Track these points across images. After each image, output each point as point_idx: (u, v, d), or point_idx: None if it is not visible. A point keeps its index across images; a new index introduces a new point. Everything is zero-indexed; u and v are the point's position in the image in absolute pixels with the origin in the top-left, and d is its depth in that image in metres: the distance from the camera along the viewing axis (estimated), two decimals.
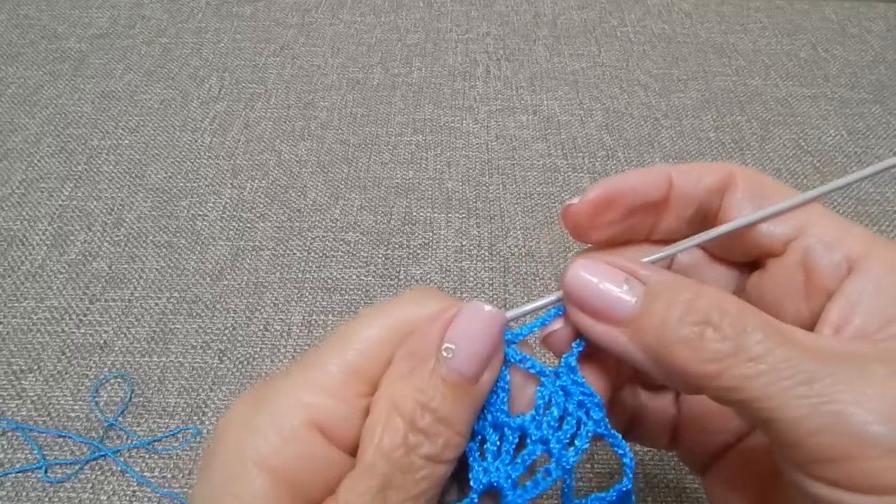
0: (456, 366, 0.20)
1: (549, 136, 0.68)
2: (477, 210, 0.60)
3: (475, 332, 0.21)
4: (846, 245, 0.23)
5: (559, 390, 0.23)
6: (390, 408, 0.20)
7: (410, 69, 0.76)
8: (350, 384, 0.21)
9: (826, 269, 0.23)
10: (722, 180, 0.25)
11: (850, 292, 0.22)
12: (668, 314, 0.21)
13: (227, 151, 0.66)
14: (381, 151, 0.66)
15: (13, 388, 0.47)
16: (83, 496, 0.42)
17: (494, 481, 0.22)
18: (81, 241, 0.57)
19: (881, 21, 0.84)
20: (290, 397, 0.20)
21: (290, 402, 0.20)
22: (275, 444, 0.20)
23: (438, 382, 0.20)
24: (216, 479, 0.20)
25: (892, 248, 0.23)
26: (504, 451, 0.23)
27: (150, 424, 0.45)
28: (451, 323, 0.21)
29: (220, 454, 0.20)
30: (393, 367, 0.21)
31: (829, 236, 0.23)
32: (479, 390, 0.21)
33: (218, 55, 0.78)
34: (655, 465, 0.44)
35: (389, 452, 0.20)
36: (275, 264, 0.55)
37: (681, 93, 0.73)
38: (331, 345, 0.22)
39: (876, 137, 0.68)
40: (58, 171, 0.63)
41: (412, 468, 0.20)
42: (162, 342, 0.50)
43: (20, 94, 0.71)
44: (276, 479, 0.19)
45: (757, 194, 0.25)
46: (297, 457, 0.20)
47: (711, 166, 0.26)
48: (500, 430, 0.23)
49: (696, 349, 0.20)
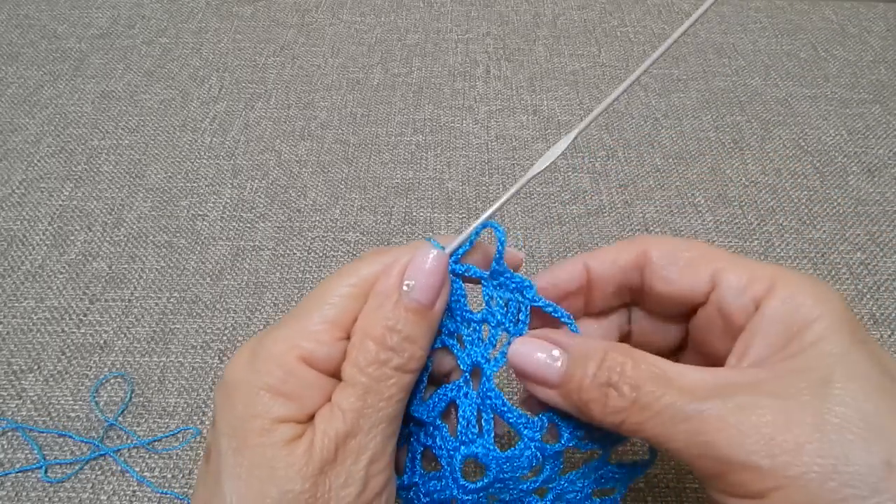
0: (415, 296, 0.27)
1: (549, 136, 0.68)
2: (477, 210, 0.60)
3: (427, 269, 0.27)
4: (752, 289, 0.28)
5: (496, 286, 0.31)
6: (363, 335, 0.27)
7: (410, 69, 0.76)
8: (329, 331, 0.27)
9: (736, 312, 0.28)
10: (637, 258, 0.31)
11: (751, 327, 0.27)
12: (582, 379, 0.27)
13: (227, 151, 0.66)
14: (381, 151, 0.66)
15: (13, 388, 0.47)
16: (83, 496, 0.42)
17: (475, 361, 0.30)
18: (81, 241, 0.57)
19: (881, 21, 0.84)
20: (286, 342, 0.27)
21: (285, 346, 0.26)
22: (278, 376, 0.26)
23: (401, 310, 0.27)
24: (238, 408, 0.26)
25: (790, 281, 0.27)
26: (476, 339, 0.31)
27: (150, 424, 0.45)
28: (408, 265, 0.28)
29: (236, 391, 0.26)
30: (367, 306, 0.27)
31: (736, 284, 0.28)
32: (434, 314, 0.28)
33: (218, 55, 0.78)
34: (655, 464, 0.44)
35: (365, 367, 0.26)
36: (275, 264, 0.55)
37: (681, 93, 0.73)
38: (311, 302, 0.28)
39: (876, 137, 0.68)
40: (58, 171, 0.63)
41: (384, 377, 0.26)
42: (162, 342, 0.50)
43: (20, 94, 0.71)
44: (283, 400, 0.26)
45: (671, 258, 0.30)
46: (295, 382, 0.26)
47: (625, 247, 0.31)
48: (468, 325, 0.31)
49: (604, 405, 0.26)
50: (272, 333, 0.27)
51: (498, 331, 0.31)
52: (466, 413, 0.30)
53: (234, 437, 0.25)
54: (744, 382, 0.25)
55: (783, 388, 0.24)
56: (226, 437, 0.26)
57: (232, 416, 0.26)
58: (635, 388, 0.25)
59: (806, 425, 0.23)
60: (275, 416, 0.25)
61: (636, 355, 0.27)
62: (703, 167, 0.64)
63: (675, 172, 0.64)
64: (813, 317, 0.25)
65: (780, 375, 0.25)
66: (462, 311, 0.31)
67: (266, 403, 0.26)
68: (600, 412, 0.26)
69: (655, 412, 0.25)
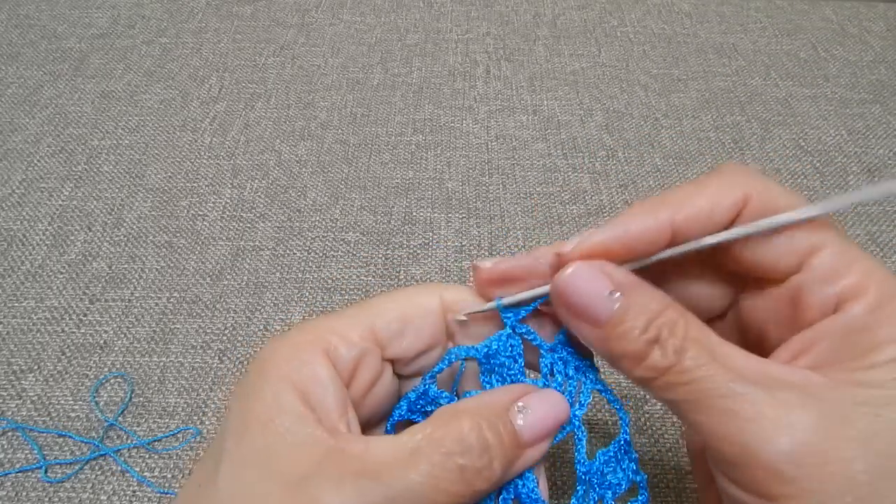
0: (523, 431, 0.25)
1: (549, 136, 0.68)
2: (477, 210, 0.60)
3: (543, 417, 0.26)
4: (842, 281, 0.24)
5: (558, 360, 0.28)
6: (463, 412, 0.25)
7: (410, 69, 0.76)
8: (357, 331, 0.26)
9: (814, 307, 0.25)
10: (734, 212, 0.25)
11: (822, 328, 0.24)
12: (630, 329, 0.24)
13: (227, 151, 0.66)
14: (381, 151, 0.66)
15: (13, 388, 0.47)
16: (83, 496, 0.42)
17: None
18: (81, 241, 0.57)
19: (881, 21, 0.84)
20: (314, 332, 0.26)
21: (313, 335, 0.26)
22: (294, 365, 0.25)
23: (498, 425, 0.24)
24: (246, 392, 0.25)
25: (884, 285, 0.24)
26: None
27: (150, 424, 0.45)
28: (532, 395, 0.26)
29: (252, 374, 0.25)
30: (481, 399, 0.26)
31: (827, 270, 0.24)
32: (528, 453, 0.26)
33: (218, 55, 0.78)
34: (656, 464, 0.44)
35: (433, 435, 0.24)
36: (275, 264, 0.55)
37: (681, 93, 0.73)
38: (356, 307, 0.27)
39: (876, 137, 0.68)
40: (58, 171, 0.63)
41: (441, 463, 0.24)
42: (162, 342, 0.50)
43: (20, 94, 0.71)
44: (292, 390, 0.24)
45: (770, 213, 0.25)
46: (308, 373, 0.24)
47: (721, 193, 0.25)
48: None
49: (643, 360, 0.24)
50: (307, 325, 0.26)
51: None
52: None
53: (236, 422, 0.24)
54: (794, 381, 0.23)
55: (837, 399, 0.22)
56: (229, 420, 0.25)
57: (241, 400, 0.25)
58: (680, 351, 0.23)
59: (850, 444, 0.21)
60: (281, 408, 0.24)
61: (689, 318, 0.24)
62: (703, 167, 0.64)
63: (675, 172, 0.64)
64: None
65: (837, 386, 0.23)
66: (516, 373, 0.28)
67: (275, 393, 0.24)
68: (634, 366, 0.24)
69: (693, 379, 0.23)
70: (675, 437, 0.45)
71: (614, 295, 0.24)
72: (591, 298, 0.25)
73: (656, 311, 0.24)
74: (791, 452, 0.21)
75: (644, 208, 0.26)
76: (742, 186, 0.25)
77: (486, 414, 0.24)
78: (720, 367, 0.23)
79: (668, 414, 0.46)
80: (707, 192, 0.26)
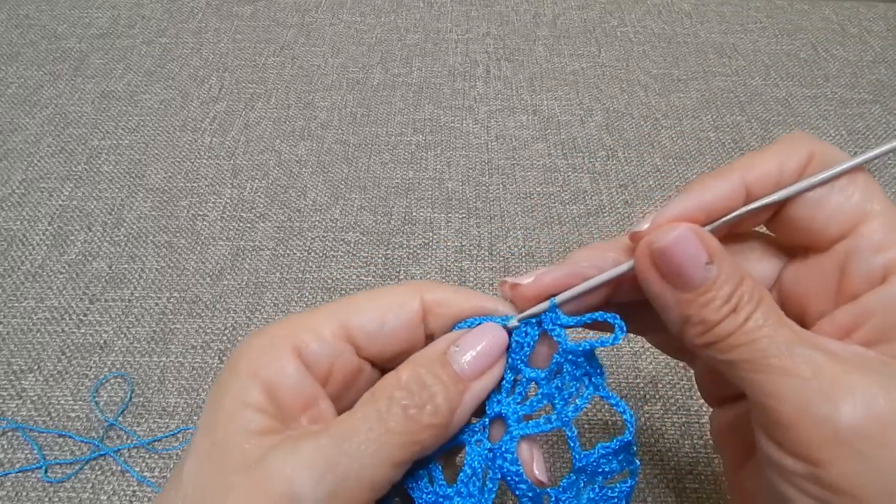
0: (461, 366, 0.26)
1: (549, 136, 0.68)
2: (477, 210, 0.60)
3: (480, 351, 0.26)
4: (891, 252, 0.24)
5: (570, 362, 0.27)
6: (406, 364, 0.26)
7: (410, 69, 0.76)
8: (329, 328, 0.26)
9: (860, 276, 0.24)
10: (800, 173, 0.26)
11: (871, 301, 0.24)
12: (715, 297, 0.24)
13: (227, 151, 0.66)
14: (381, 151, 0.66)
15: (13, 388, 0.47)
16: (83, 496, 0.42)
17: (503, 412, 0.27)
18: (81, 241, 0.57)
19: (881, 21, 0.84)
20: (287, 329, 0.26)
21: (285, 332, 0.26)
22: (263, 362, 0.25)
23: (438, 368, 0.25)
24: (218, 387, 0.25)
25: None
26: (517, 392, 0.27)
27: (150, 424, 0.45)
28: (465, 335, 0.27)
29: (226, 371, 0.25)
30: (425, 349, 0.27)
31: (876, 239, 0.24)
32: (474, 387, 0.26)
33: (218, 55, 0.78)
34: (655, 464, 0.44)
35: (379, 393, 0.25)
36: (275, 264, 0.55)
37: (681, 93, 0.73)
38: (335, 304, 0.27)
39: (876, 137, 0.68)
40: (58, 171, 0.63)
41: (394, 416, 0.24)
42: (162, 342, 0.50)
43: (20, 94, 0.71)
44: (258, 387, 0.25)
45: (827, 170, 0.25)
46: (278, 369, 0.25)
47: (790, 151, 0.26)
48: (514, 374, 0.28)
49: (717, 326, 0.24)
50: (283, 321, 0.27)
51: (543, 399, 0.28)
52: (474, 462, 0.26)
53: (207, 416, 0.25)
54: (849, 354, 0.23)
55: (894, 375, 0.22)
56: (202, 414, 0.25)
57: (212, 395, 0.26)
58: (750, 316, 0.23)
59: None
60: (245, 402, 0.24)
61: (761, 287, 0.24)
62: (704, 167, 0.64)
63: (675, 172, 0.64)
64: None
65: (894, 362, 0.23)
66: (518, 357, 0.28)
67: (242, 388, 0.25)
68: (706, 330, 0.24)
69: (755, 338, 0.23)
70: (675, 437, 0.45)
71: (711, 267, 0.24)
72: (689, 264, 0.24)
73: (739, 282, 0.24)
74: (853, 418, 0.21)
75: (714, 175, 0.26)
76: (807, 146, 0.26)
77: (421, 361, 0.26)
78: (786, 329, 0.23)
79: (669, 414, 0.46)
80: (774, 153, 0.26)
